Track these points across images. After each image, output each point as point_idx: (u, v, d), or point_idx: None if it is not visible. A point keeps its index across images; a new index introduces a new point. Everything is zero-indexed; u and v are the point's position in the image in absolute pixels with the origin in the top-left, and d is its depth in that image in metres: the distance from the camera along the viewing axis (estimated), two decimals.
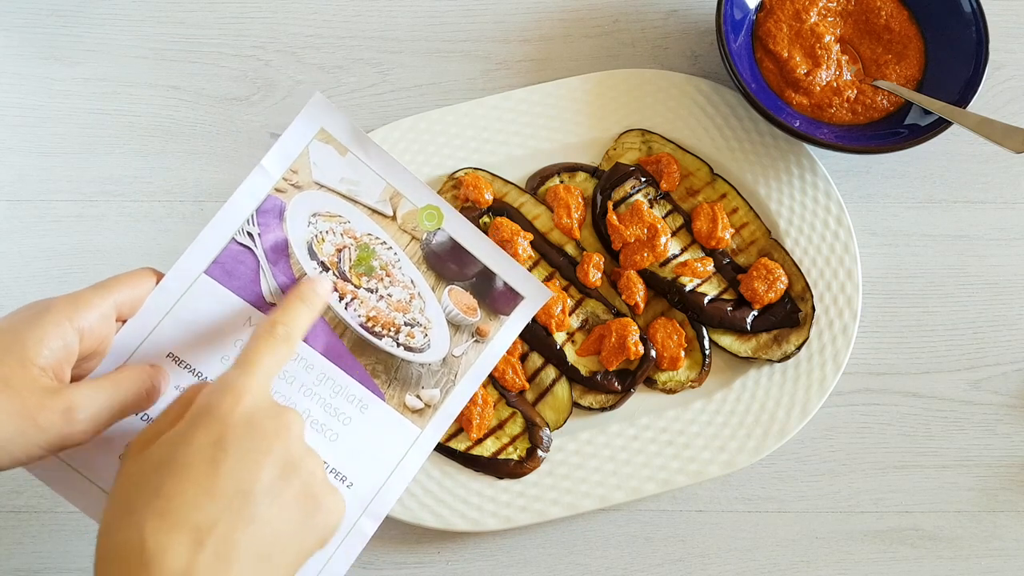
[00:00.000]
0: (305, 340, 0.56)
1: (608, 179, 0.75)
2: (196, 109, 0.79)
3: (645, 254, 0.73)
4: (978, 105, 0.73)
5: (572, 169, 0.77)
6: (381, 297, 0.57)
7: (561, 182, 0.76)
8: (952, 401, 0.75)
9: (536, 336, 0.71)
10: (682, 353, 0.72)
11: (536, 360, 0.72)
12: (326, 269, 0.57)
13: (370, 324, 0.57)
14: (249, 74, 0.81)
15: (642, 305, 0.73)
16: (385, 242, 0.58)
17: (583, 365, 0.71)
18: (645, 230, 0.73)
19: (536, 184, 0.77)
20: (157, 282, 0.54)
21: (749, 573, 0.71)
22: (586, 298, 0.73)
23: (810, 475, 0.73)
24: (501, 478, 0.69)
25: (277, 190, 0.58)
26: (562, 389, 0.71)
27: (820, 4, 0.77)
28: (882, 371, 0.75)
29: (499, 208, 0.75)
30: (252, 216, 0.57)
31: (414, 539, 0.71)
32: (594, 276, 0.73)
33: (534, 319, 0.71)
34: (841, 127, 0.76)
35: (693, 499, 0.73)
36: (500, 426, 0.70)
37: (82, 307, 0.48)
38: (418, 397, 0.57)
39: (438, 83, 0.81)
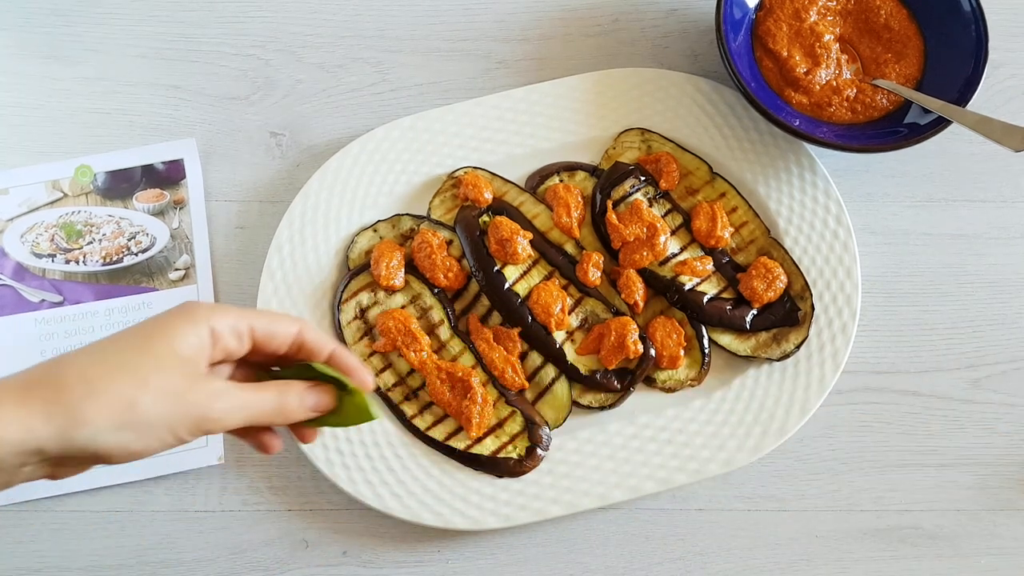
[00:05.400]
0: (77, 300, 0.74)
1: (607, 178, 0.75)
2: (196, 109, 0.80)
3: (644, 253, 0.73)
4: (977, 104, 0.72)
5: (571, 168, 0.77)
6: (100, 240, 0.76)
7: (560, 181, 0.76)
8: (952, 400, 0.75)
9: (535, 335, 0.71)
10: (681, 352, 0.72)
11: (535, 359, 0.72)
12: (53, 256, 0.75)
13: (108, 258, 0.75)
14: (249, 74, 0.81)
15: (641, 304, 0.73)
16: (73, 211, 0.76)
17: (582, 364, 0.71)
18: (644, 229, 0.73)
19: (536, 183, 0.77)
20: (301, 330, 0.55)
21: (749, 572, 0.71)
22: (585, 297, 0.73)
23: (810, 474, 0.73)
24: (501, 477, 0.69)
25: None
26: (561, 388, 0.71)
27: (820, 3, 0.77)
28: (882, 370, 0.75)
29: (498, 207, 0.75)
30: None
31: (414, 538, 0.71)
32: (593, 275, 0.73)
33: (534, 318, 0.71)
34: (840, 126, 0.76)
35: (693, 498, 0.73)
36: (499, 425, 0.70)
37: (219, 314, 0.52)
38: (176, 269, 0.76)
39: (438, 82, 0.81)
